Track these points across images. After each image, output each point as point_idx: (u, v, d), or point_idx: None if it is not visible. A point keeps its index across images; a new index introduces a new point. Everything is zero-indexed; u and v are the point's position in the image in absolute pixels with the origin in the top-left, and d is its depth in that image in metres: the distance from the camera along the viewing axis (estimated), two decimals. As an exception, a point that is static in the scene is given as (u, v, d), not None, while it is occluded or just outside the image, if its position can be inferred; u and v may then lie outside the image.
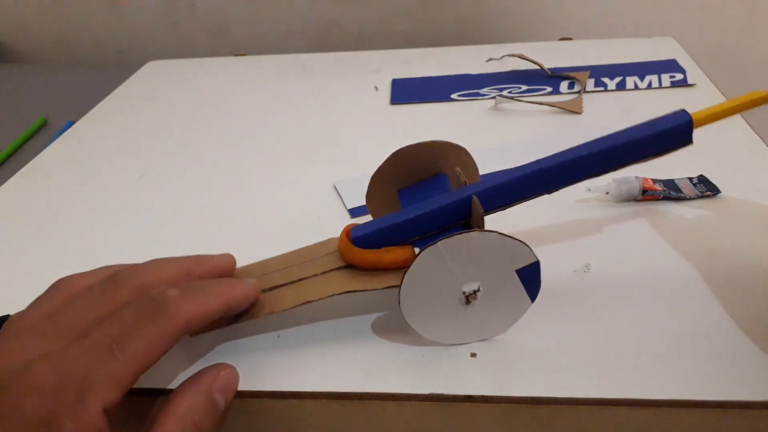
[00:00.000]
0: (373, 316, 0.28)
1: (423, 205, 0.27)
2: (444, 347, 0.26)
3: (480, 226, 0.26)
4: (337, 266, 0.27)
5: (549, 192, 0.27)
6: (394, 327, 0.27)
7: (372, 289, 0.26)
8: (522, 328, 0.27)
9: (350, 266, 0.27)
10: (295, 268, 0.28)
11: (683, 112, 0.25)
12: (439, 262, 0.24)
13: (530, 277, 0.25)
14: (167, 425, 0.21)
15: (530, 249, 0.24)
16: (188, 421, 0.21)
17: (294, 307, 0.26)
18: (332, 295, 0.26)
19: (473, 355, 0.26)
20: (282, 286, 0.27)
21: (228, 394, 0.24)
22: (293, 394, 0.25)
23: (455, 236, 0.23)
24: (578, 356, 0.25)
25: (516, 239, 0.24)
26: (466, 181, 0.28)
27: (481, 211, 0.26)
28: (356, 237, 0.27)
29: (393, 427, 0.25)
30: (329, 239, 0.29)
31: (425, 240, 0.26)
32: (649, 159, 0.26)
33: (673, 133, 0.26)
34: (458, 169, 0.29)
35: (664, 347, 0.25)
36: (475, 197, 0.26)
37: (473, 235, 0.23)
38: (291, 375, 0.26)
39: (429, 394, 0.24)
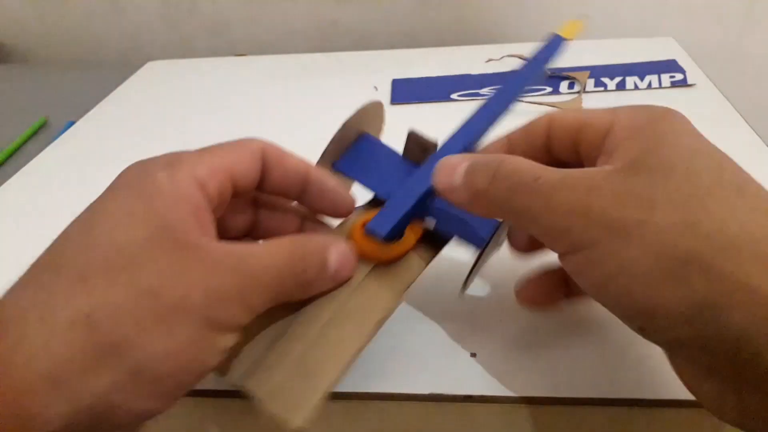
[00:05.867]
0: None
1: (423, 180, 0.25)
2: (443, 348, 0.26)
3: None
4: (364, 273, 0.24)
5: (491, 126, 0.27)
6: (394, 327, 0.27)
7: (413, 281, 0.24)
8: (522, 328, 0.27)
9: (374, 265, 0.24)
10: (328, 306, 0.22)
11: (556, 36, 0.31)
12: None
13: None
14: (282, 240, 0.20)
15: None
16: (298, 257, 0.20)
17: (360, 350, 0.21)
18: (392, 311, 0.23)
19: (473, 355, 0.26)
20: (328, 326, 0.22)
21: (340, 265, 0.22)
22: (293, 394, 0.25)
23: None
24: (578, 356, 0.25)
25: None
26: (427, 141, 0.27)
27: None
28: (386, 233, 0.24)
29: (393, 427, 0.25)
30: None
31: (419, 207, 0.25)
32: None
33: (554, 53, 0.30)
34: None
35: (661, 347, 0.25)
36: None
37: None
38: (291, 375, 0.26)
39: (429, 394, 0.24)
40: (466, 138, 0.26)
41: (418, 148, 0.27)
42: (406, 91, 0.53)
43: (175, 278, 0.17)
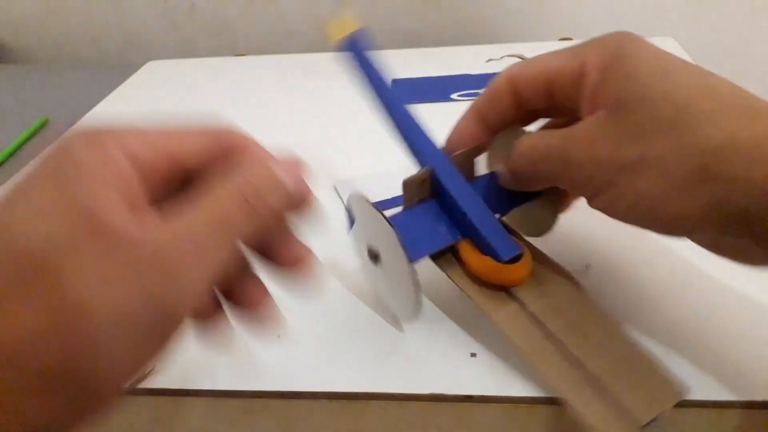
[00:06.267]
0: (373, 316, 0.28)
1: (472, 198, 0.26)
2: (444, 347, 0.26)
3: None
4: (531, 296, 0.25)
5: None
6: (395, 327, 0.27)
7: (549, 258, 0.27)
8: (522, 328, 0.27)
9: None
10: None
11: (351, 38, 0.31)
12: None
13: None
14: (222, 187, 0.17)
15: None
16: (248, 187, 0.17)
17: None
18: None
19: (473, 355, 0.26)
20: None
21: (295, 178, 0.19)
22: (293, 394, 0.25)
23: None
24: (578, 356, 0.25)
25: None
26: (421, 175, 0.27)
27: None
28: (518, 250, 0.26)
29: (394, 426, 0.25)
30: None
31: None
32: None
33: None
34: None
35: (663, 347, 0.25)
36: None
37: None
38: (291, 375, 0.26)
39: (429, 394, 0.24)
40: (433, 148, 0.28)
41: (417, 186, 0.27)
42: (406, 91, 0.53)
43: (105, 284, 0.14)
